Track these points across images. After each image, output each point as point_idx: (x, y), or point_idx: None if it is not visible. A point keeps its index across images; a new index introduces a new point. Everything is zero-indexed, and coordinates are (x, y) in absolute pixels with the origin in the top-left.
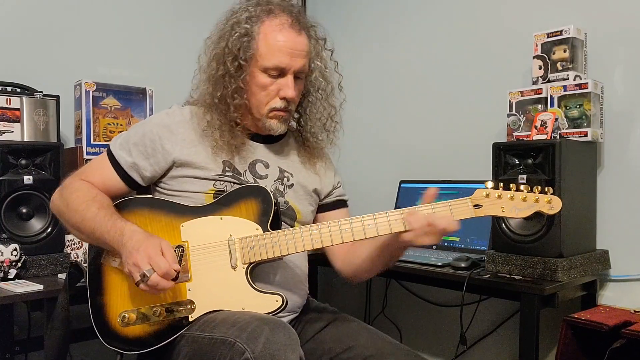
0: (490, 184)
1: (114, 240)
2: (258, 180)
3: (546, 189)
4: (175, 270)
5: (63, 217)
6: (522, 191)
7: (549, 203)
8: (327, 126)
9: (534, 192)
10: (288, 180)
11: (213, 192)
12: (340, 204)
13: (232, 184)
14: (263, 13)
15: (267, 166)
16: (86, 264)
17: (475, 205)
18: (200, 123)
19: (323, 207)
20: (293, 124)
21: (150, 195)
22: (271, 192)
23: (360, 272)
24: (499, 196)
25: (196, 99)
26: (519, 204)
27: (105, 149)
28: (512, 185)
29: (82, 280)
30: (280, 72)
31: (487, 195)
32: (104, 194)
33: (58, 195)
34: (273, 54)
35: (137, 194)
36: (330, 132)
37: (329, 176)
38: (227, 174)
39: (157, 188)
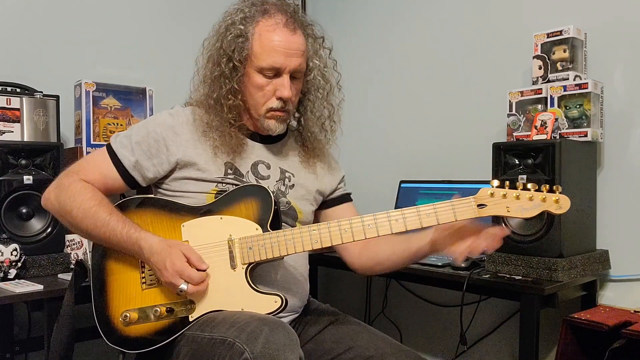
0: (496, 182)
1: (133, 251)
2: (260, 181)
3: (554, 187)
4: (205, 269)
5: (65, 220)
6: (528, 190)
7: (557, 202)
8: (325, 126)
9: (542, 191)
10: (289, 181)
11: (215, 192)
12: (345, 198)
13: (235, 185)
14: (258, 13)
15: (268, 167)
16: (89, 263)
17: (479, 205)
18: (203, 123)
19: (328, 203)
20: (294, 123)
21: (151, 195)
22: (271, 191)
23: (381, 267)
24: (504, 195)
25: (196, 100)
26: (525, 204)
27: (105, 146)
28: (519, 184)
29: (87, 280)
30: (276, 72)
31: (492, 194)
32: (103, 192)
33: (54, 196)
34: (268, 54)
35: (135, 193)
36: (328, 131)
37: (331, 174)
38: (230, 176)
39: (159, 189)
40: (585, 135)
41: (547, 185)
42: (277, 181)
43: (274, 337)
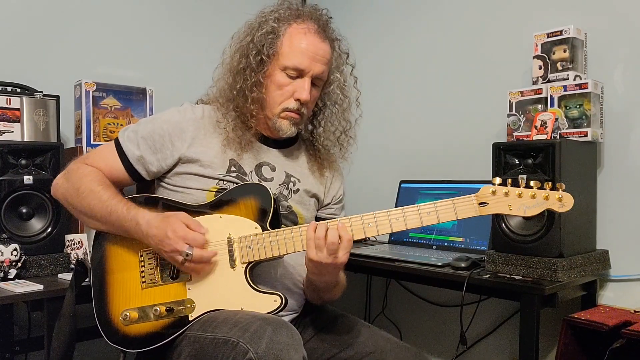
0: (498, 180)
1: (131, 228)
2: (262, 182)
3: (557, 185)
4: (204, 233)
5: (71, 202)
6: (531, 188)
7: (560, 200)
8: (340, 140)
9: (544, 189)
10: (294, 185)
11: (215, 189)
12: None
13: (235, 184)
14: (292, 17)
15: (273, 169)
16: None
17: (480, 203)
18: (212, 120)
19: (316, 218)
20: (306, 134)
21: (151, 194)
22: (271, 190)
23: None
24: (506, 193)
25: (210, 98)
26: (527, 202)
27: (113, 139)
28: (521, 182)
29: (87, 280)
30: (299, 74)
31: (494, 192)
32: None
33: (64, 180)
34: (294, 54)
35: (137, 187)
36: (343, 146)
37: (334, 186)
38: (232, 174)
39: (161, 183)
40: (585, 135)
41: (550, 183)
42: (280, 184)
43: (278, 337)
